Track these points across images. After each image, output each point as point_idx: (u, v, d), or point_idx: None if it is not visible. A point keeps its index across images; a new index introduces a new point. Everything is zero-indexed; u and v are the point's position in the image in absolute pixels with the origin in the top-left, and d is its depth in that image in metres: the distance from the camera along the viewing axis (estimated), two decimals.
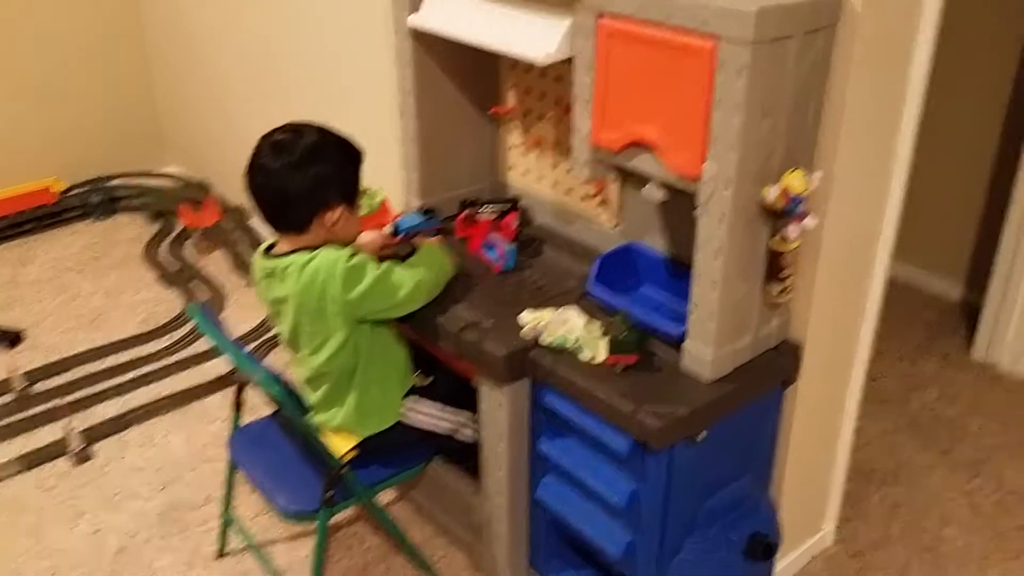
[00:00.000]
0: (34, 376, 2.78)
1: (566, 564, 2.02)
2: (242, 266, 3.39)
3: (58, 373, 2.82)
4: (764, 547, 1.77)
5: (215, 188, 3.88)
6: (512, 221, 2.09)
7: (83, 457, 2.46)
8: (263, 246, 1.84)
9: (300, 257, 1.74)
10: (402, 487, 2.31)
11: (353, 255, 1.73)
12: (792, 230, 1.55)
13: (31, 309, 3.19)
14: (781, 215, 1.54)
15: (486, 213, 2.10)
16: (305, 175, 1.72)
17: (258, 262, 1.83)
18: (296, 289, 1.73)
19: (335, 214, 1.76)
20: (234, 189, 3.72)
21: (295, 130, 1.76)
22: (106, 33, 3.85)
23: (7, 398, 2.70)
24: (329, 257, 1.72)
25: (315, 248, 1.75)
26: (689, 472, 1.66)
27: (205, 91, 3.69)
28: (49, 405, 2.67)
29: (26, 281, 3.37)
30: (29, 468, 2.44)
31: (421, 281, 1.79)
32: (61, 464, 2.46)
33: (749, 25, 1.35)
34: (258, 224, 3.61)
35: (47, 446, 2.50)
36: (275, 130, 1.78)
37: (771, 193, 1.51)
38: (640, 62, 1.54)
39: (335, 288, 1.70)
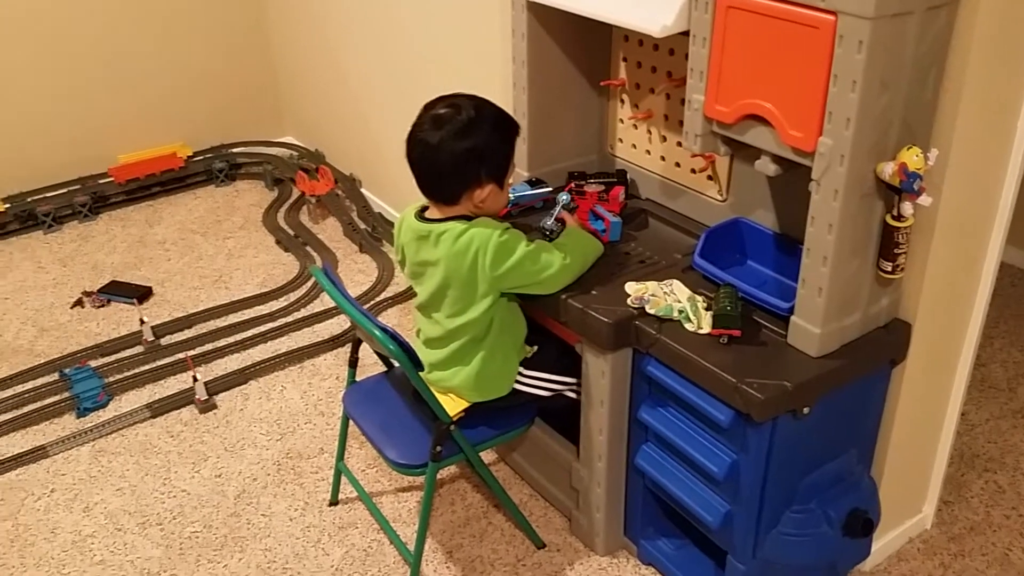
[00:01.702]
0: (162, 330, 2.97)
1: (660, 533, 2.07)
2: (353, 232, 3.52)
3: (184, 328, 3.00)
4: (863, 523, 1.77)
5: (329, 158, 4.03)
6: (619, 194, 2.12)
7: (207, 406, 2.63)
8: (414, 208, 1.92)
9: (456, 225, 1.81)
10: (502, 448, 2.39)
11: (506, 231, 1.81)
12: (907, 207, 1.54)
13: (159, 268, 3.39)
14: (896, 192, 1.53)
15: (593, 186, 2.14)
16: (459, 151, 1.78)
17: (409, 223, 1.91)
18: (448, 255, 1.81)
19: (484, 191, 1.83)
20: (347, 159, 3.87)
21: (454, 105, 1.81)
22: (231, 11, 4.03)
23: (138, 349, 2.89)
24: (484, 231, 1.79)
25: (469, 219, 1.83)
26: (791, 446, 1.67)
27: (321, 65, 3.82)
28: (176, 357, 2.85)
29: (154, 241, 3.58)
30: (157, 415, 2.62)
31: (569, 264, 1.85)
32: (187, 412, 2.63)
33: (870, 0, 1.35)
34: (369, 192, 3.74)
35: (174, 395, 2.68)
36: (435, 101, 1.84)
37: (887, 169, 1.50)
38: (758, 36, 1.55)
39: (485, 260, 1.78)
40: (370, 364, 2.28)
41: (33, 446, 2.49)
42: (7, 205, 3.62)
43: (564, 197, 2.02)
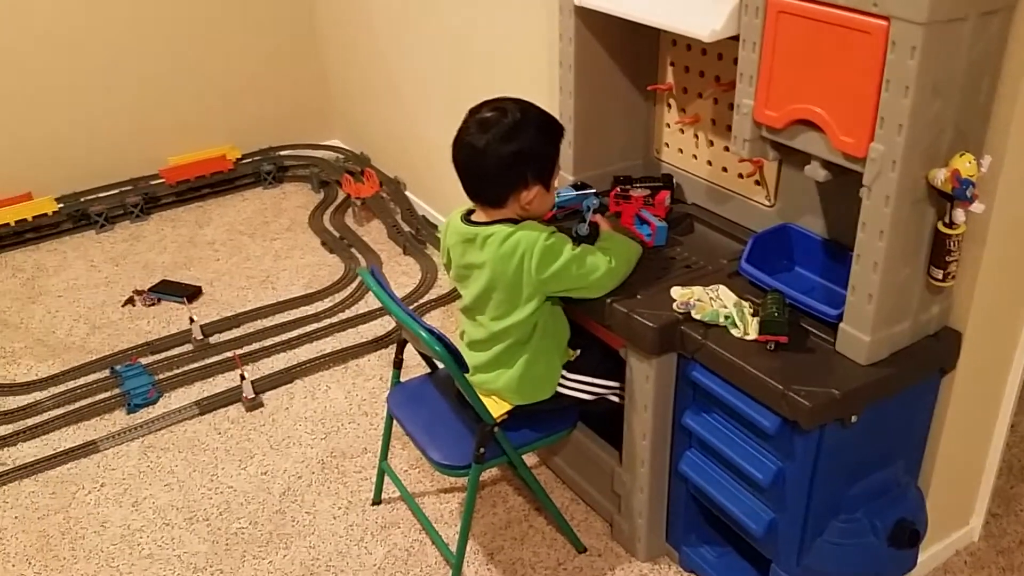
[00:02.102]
0: (210, 329, 3.02)
1: (702, 540, 2.06)
2: (398, 235, 3.55)
3: (232, 327, 3.05)
4: (909, 534, 1.75)
5: (374, 161, 4.07)
6: (665, 198, 2.12)
7: (254, 404, 2.67)
8: (460, 211, 1.94)
9: (503, 229, 1.83)
10: (544, 452, 2.40)
11: (552, 234, 1.82)
12: (959, 214, 1.52)
13: (207, 267, 3.45)
14: (948, 199, 1.51)
15: (638, 190, 2.14)
16: (505, 155, 1.80)
17: (455, 226, 1.92)
18: (494, 258, 1.83)
19: (531, 193, 1.84)
20: (392, 162, 3.91)
21: (500, 108, 1.83)
22: (281, 18, 4.09)
23: (187, 348, 2.95)
24: (531, 234, 1.80)
25: (515, 222, 1.84)
26: (838, 454, 1.66)
27: (368, 70, 3.86)
28: (223, 356, 2.90)
29: (203, 241, 3.65)
30: (205, 412, 2.66)
31: (615, 267, 1.86)
32: (234, 410, 2.68)
33: (923, 6, 1.33)
34: (413, 195, 3.77)
35: (222, 393, 2.72)
36: (481, 105, 1.86)
37: (939, 176, 1.48)
38: (809, 40, 1.54)
39: (531, 263, 1.79)
40: (413, 366, 2.30)
41: (84, 441, 2.55)
42: (61, 204, 3.71)
43: (593, 201, 2.01)
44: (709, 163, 2.15)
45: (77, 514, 2.32)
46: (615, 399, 2.04)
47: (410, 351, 2.15)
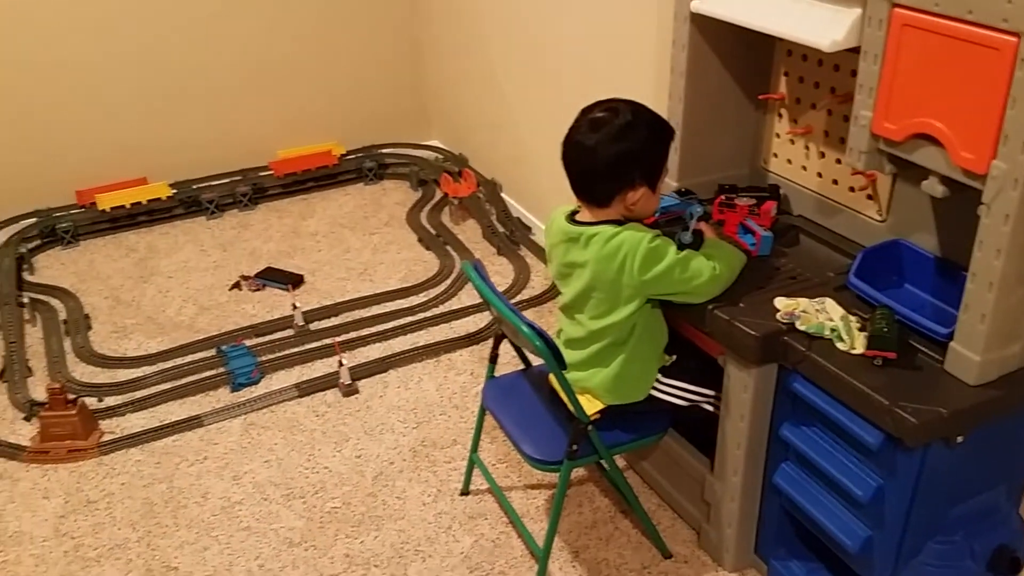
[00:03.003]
0: (311, 316, 3.12)
1: (792, 554, 2.03)
2: (492, 235, 3.60)
3: (331, 316, 3.15)
4: (1010, 561, 1.71)
5: (472, 161, 4.14)
6: (771, 209, 2.11)
7: (350, 391, 2.75)
8: (564, 211, 1.97)
9: (608, 229, 1.85)
10: (632, 456, 2.41)
11: (656, 237, 1.83)
12: None
13: (310, 257, 3.57)
14: None
15: (744, 199, 2.13)
16: (614, 155, 1.82)
17: (559, 224, 1.95)
18: (598, 258, 1.85)
19: (637, 194, 1.86)
20: (489, 163, 3.97)
21: (612, 108, 1.85)
22: (386, 22, 4.21)
23: (288, 332, 3.05)
24: (635, 235, 1.82)
25: (620, 223, 1.87)
26: (941, 475, 1.63)
27: (469, 72, 3.94)
28: (323, 342, 2.99)
29: (306, 232, 3.77)
30: (304, 395, 2.76)
31: (719, 274, 1.86)
32: (331, 395, 2.76)
33: None
34: (509, 197, 3.82)
35: (320, 377, 2.81)
36: (594, 105, 1.89)
37: None
38: (933, 54, 1.52)
39: (634, 265, 1.81)
40: (505, 362, 2.34)
41: (189, 415, 2.67)
42: (174, 190, 3.88)
43: (697, 209, 2.01)
44: (819, 175, 2.13)
45: (180, 484, 2.43)
46: (709, 408, 2.04)
47: (504, 346, 2.19)
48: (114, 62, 3.73)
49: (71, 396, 2.60)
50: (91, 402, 2.70)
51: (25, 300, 3.23)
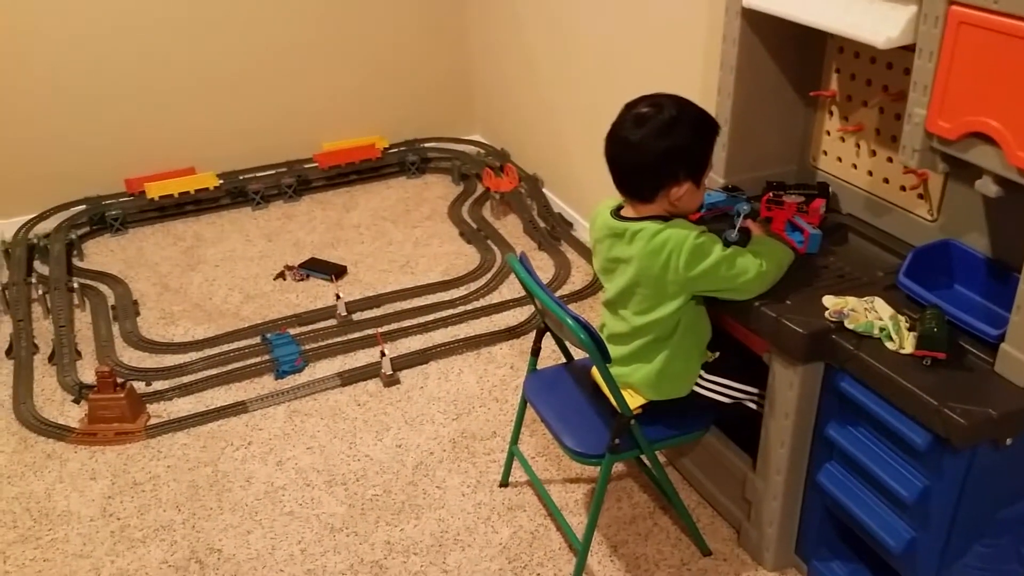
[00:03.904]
0: (354, 306, 3.16)
1: (833, 554, 2.02)
2: (533, 230, 3.61)
3: (373, 307, 3.18)
4: None
5: (513, 156, 4.15)
6: (820, 206, 2.09)
7: (391, 381, 2.78)
8: (608, 206, 1.97)
9: (652, 225, 1.85)
10: (672, 453, 2.40)
11: (702, 233, 1.83)
12: None
13: (353, 249, 3.60)
14: None
15: (792, 196, 2.12)
16: (659, 150, 1.82)
17: (604, 220, 1.95)
18: (642, 253, 1.85)
19: (681, 189, 1.86)
20: (530, 159, 3.98)
21: (656, 104, 1.85)
22: (431, 17, 4.23)
23: (331, 322, 3.09)
24: (680, 232, 1.82)
25: (665, 219, 1.87)
26: (988, 477, 1.61)
27: (513, 68, 3.95)
28: (365, 332, 3.02)
29: (350, 224, 3.81)
30: (347, 384, 2.79)
31: (766, 271, 1.85)
32: (372, 384, 2.79)
33: None
34: (550, 192, 3.83)
35: (362, 367, 2.85)
36: (638, 100, 1.89)
37: None
38: (990, 52, 1.50)
39: (679, 261, 1.80)
40: (546, 356, 2.34)
41: (234, 401, 2.72)
42: (221, 181, 3.94)
43: (744, 207, 2.00)
44: (869, 173, 2.11)
45: (225, 468, 2.48)
46: (752, 405, 2.03)
47: (545, 340, 2.19)
48: (167, 53, 3.80)
49: (119, 380, 2.66)
50: (139, 386, 2.76)
51: (75, 285, 3.30)
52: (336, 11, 4.03)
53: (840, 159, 2.18)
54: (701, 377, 2.00)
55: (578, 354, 2.16)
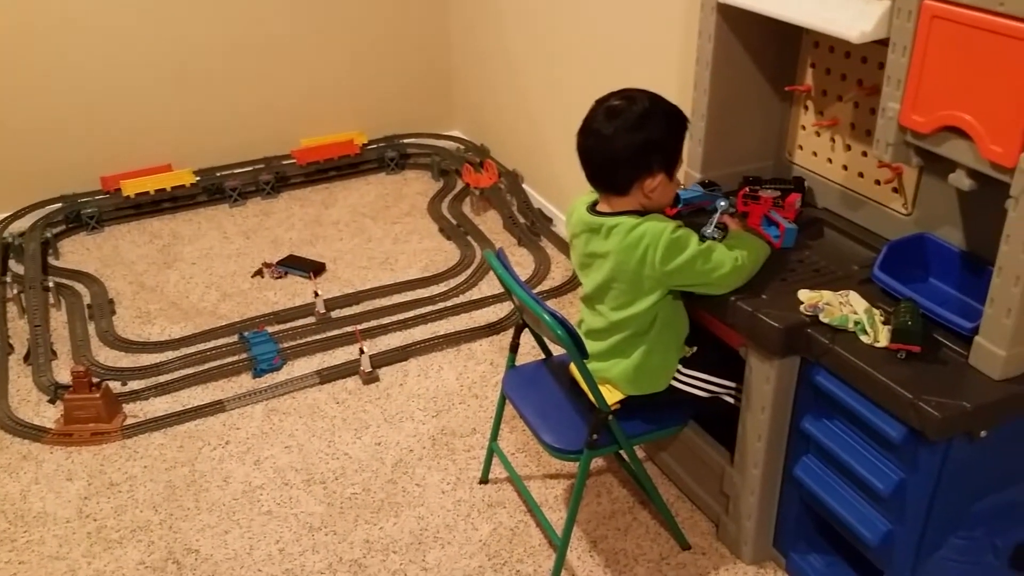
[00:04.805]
0: (332, 304, 3.14)
1: (811, 547, 2.03)
2: (513, 226, 3.61)
3: (352, 304, 3.16)
4: None
5: (493, 152, 4.14)
6: (795, 201, 2.10)
7: (371, 378, 2.77)
8: (585, 201, 1.97)
9: (629, 220, 1.85)
10: (650, 448, 2.41)
11: (679, 227, 1.83)
12: None
13: (332, 246, 3.58)
14: None
15: (768, 191, 2.12)
16: (633, 142, 1.83)
17: (580, 215, 1.96)
18: (619, 248, 1.85)
19: (655, 181, 1.86)
20: (510, 154, 3.97)
21: (628, 97, 1.86)
22: (410, 11, 4.21)
23: (310, 320, 3.07)
24: (657, 226, 1.82)
25: (640, 213, 1.87)
26: (963, 469, 1.62)
27: (492, 64, 3.94)
28: (344, 330, 3.01)
29: (328, 221, 3.79)
30: (325, 382, 2.77)
31: (741, 266, 1.85)
32: (351, 382, 2.78)
33: None
34: (530, 188, 3.83)
35: (341, 365, 2.83)
36: (609, 95, 1.89)
37: None
38: (963, 46, 1.51)
39: (655, 256, 1.80)
40: (525, 352, 2.34)
41: (212, 400, 2.70)
42: (198, 178, 3.90)
43: (722, 203, 2.01)
44: (844, 168, 2.12)
45: (202, 468, 2.46)
46: (729, 400, 2.04)
47: (524, 336, 2.19)
48: (141, 49, 3.76)
49: (95, 379, 2.63)
50: (115, 386, 2.73)
51: (50, 284, 3.27)
52: (314, 5, 4.00)
53: (815, 154, 2.19)
54: (679, 372, 2.00)
55: (557, 350, 2.15)
